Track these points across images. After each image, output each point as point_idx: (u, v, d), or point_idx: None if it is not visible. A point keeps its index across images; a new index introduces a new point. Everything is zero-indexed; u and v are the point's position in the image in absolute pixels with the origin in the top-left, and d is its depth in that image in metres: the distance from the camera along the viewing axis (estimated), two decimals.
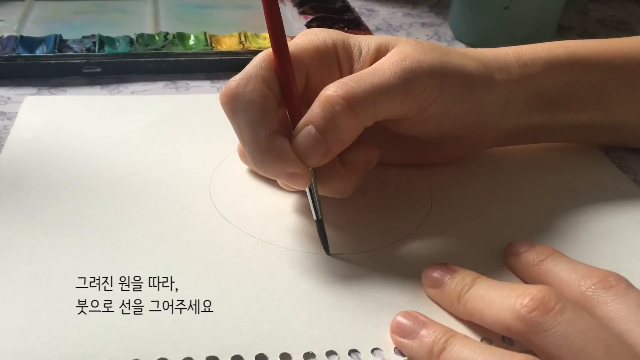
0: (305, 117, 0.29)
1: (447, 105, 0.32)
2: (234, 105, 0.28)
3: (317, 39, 0.31)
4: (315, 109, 0.28)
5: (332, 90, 0.28)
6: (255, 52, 0.31)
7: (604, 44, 0.37)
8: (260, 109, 0.28)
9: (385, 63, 0.30)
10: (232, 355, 0.25)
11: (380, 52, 0.31)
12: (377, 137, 0.34)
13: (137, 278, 0.28)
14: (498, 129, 0.36)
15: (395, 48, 0.31)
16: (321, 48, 0.31)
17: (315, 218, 0.30)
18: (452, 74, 0.32)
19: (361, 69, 0.31)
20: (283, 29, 0.29)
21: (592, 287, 0.26)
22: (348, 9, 0.58)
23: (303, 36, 0.32)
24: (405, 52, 0.31)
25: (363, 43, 0.32)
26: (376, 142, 0.35)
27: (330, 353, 0.26)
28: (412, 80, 0.30)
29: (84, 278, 0.28)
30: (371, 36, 0.33)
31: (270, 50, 0.29)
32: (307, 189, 0.30)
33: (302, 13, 0.58)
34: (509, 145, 0.38)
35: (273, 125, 0.28)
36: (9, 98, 0.43)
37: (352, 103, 0.28)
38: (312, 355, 0.25)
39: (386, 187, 0.36)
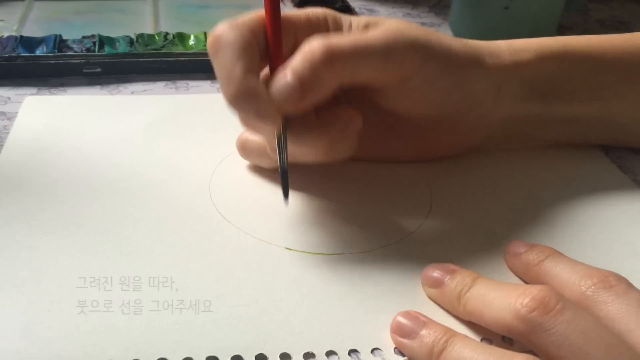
0: (286, 64, 0.29)
1: (429, 81, 0.32)
2: (217, 46, 0.29)
3: (309, 10, 0.32)
4: (296, 57, 0.29)
5: (314, 40, 0.29)
6: None
7: (597, 38, 0.37)
8: (240, 48, 0.28)
9: (370, 31, 0.31)
10: (232, 355, 0.25)
11: (369, 27, 0.32)
12: (373, 127, 0.35)
13: (137, 278, 0.28)
14: (492, 115, 0.36)
15: (384, 23, 0.32)
16: (312, 18, 0.32)
17: (280, 169, 0.30)
18: (436, 49, 0.32)
19: None
20: None
21: (592, 287, 0.26)
22: (348, 8, 0.58)
23: (299, 10, 0.33)
24: (392, 24, 0.32)
25: (354, 19, 0.33)
26: (372, 133, 0.35)
27: (330, 353, 0.26)
28: (393, 46, 0.30)
29: (84, 278, 0.28)
30: (363, 16, 0.33)
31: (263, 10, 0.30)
32: (275, 136, 0.30)
33: None
34: (505, 141, 0.38)
35: (251, 65, 0.28)
36: (9, 98, 0.43)
37: (331, 54, 0.29)
38: (312, 355, 0.25)
39: (386, 188, 0.36)
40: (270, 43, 0.30)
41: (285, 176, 0.31)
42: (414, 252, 0.31)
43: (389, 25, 0.31)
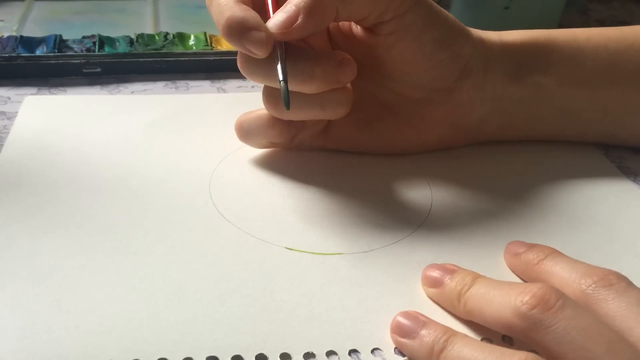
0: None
1: (424, 19, 0.33)
2: None
3: None
4: None
5: None
6: None
7: (580, 29, 0.38)
8: None
9: None
10: (232, 355, 0.25)
11: None
12: (370, 109, 0.36)
13: (137, 278, 0.28)
14: (483, 89, 0.36)
15: None
16: None
17: (281, 76, 0.30)
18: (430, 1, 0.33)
19: None
20: None
21: (593, 285, 0.26)
22: None
23: None
24: None
25: None
26: (370, 114, 0.36)
27: (330, 353, 0.26)
28: None
29: (84, 278, 0.28)
30: None
31: None
32: (278, 51, 0.30)
33: None
34: (500, 130, 0.38)
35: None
36: (9, 98, 0.43)
37: None
38: (312, 355, 0.25)
39: (386, 188, 0.36)
40: None
41: (285, 85, 0.30)
42: (414, 252, 0.31)
43: None
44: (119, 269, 0.29)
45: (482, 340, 0.26)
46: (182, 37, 0.50)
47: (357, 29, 0.34)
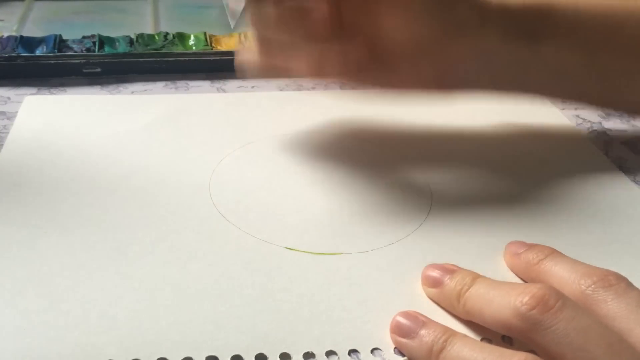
0: None
1: None
2: None
3: None
4: None
5: None
6: None
7: None
8: None
9: None
10: (232, 355, 0.25)
11: None
12: (365, 58, 0.34)
13: (137, 278, 0.28)
14: (478, 45, 0.35)
15: None
16: None
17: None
18: None
19: None
20: None
21: (592, 285, 0.26)
22: None
23: None
24: None
25: None
26: (364, 62, 0.34)
27: (330, 353, 0.26)
28: None
29: (84, 278, 0.28)
30: None
31: None
32: None
33: None
34: (492, 85, 0.38)
35: None
36: (9, 98, 0.43)
37: None
38: (312, 355, 0.25)
39: (386, 188, 0.36)
40: None
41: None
42: (414, 252, 0.31)
43: None
44: (119, 269, 0.29)
45: (481, 340, 0.26)
46: (182, 37, 0.50)
47: None
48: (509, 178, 0.37)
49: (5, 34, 0.49)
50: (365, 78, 0.37)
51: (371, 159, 0.38)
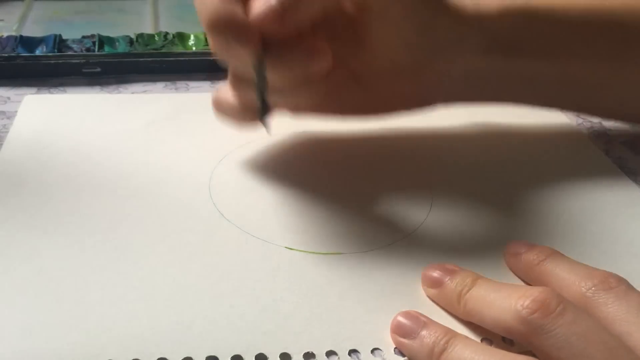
0: None
1: (402, 14, 0.32)
2: None
3: None
4: None
5: None
6: None
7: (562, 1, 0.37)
8: None
9: None
10: (232, 355, 0.25)
11: None
12: (339, 79, 0.34)
13: (137, 278, 0.28)
14: (453, 67, 0.35)
15: None
16: None
17: (257, 95, 0.29)
18: None
19: None
20: None
21: (593, 288, 0.26)
22: None
23: None
24: None
25: None
26: (339, 84, 0.34)
27: (330, 353, 0.26)
28: None
29: (84, 278, 0.28)
30: None
31: None
32: (253, 68, 0.29)
33: None
34: (467, 97, 0.38)
35: None
36: (9, 98, 0.43)
37: None
38: (312, 355, 0.25)
39: (386, 188, 0.36)
40: None
41: (264, 104, 0.30)
42: (414, 252, 0.31)
43: None
44: (119, 269, 0.29)
45: (482, 340, 0.26)
46: (182, 37, 0.50)
47: None
48: (509, 178, 0.37)
49: (5, 34, 0.49)
50: (345, 103, 0.36)
51: (371, 159, 0.38)
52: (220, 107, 0.35)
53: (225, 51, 0.29)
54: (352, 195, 0.35)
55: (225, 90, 0.34)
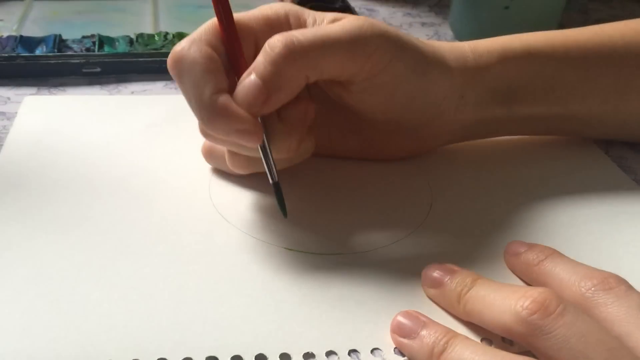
0: (249, 68, 0.28)
1: (398, 79, 0.32)
2: (179, 68, 0.29)
3: (268, 9, 0.31)
4: (257, 58, 0.28)
5: (274, 38, 0.28)
6: None
7: (560, 36, 0.37)
8: (203, 68, 0.28)
9: (336, 23, 0.30)
10: (232, 355, 0.25)
11: (335, 22, 0.31)
12: (334, 127, 0.35)
13: (137, 278, 0.28)
14: (453, 122, 0.36)
15: (350, 17, 0.31)
16: (272, 17, 0.31)
17: (271, 181, 0.30)
18: (407, 48, 0.32)
19: None
20: None
21: (592, 288, 0.26)
22: (348, 8, 0.58)
23: (256, 8, 0.32)
24: (360, 18, 0.31)
25: (318, 15, 0.32)
26: (333, 132, 0.35)
27: (330, 353, 0.26)
28: (361, 36, 0.29)
29: (84, 278, 0.28)
30: (328, 12, 0.32)
31: (216, 18, 0.29)
32: (259, 149, 0.29)
33: None
34: (469, 140, 0.38)
35: (219, 84, 0.28)
36: (9, 98, 0.43)
37: (292, 48, 0.28)
38: (312, 355, 0.25)
39: (386, 187, 0.36)
40: (229, 55, 0.29)
41: (278, 189, 0.30)
42: (414, 252, 0.31)
43: (357, 18, 0.31)
44: (118, 269, 0.29)
45: (482, 340, 0.26)
46: (181, 37, 0.50)
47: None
48: (509, 177, 0.37)
49: (5, 34, 0.49)
50: (346, 151, 0.37)
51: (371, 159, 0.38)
52: (211, 158, 0.35)
53: (224, 143, 0.30)
54: (352, 196, 0.35)
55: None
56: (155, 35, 0.50)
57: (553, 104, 0.37)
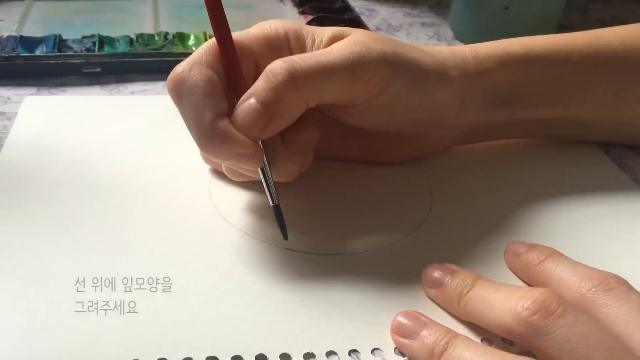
0: (248, 91, 0.28)
1: (398, 97, 0.32)
2: (178, 90, 0.29)
3: (268, 28, 0.31)
4: (258, 82, 0.28)
5: (276, 63, 0.28)
6: None
7: (561, 40, 0.37)
8: (203, 91, 0.28)
9: (335, 46, 0.30)
10: (232, 355, 0.25)
11: (334, 40, 0.31)
12: (333, 135, 0.35)
13: (137, 278, 0.28)
14: (454, 127, 0.36)
15: (349, 35, 0.31)
16: (271, 36, 0.31)
17: (271, 204, 0.30)
18: (405, 65, 0.31)
19: None
20: (224, 15, 0.29)
21: (593, 289, 0.25)
22: (348, 8, 0.58)
23: (255, 26, 0.32)
24: (358, 38, 0.31)
25: (317, 32, 0.32)
26: (332, 139, 0.35)
27: (330, 353, 0.26)
28: (359, 63, 0.29)
29: (84, 278, 0.28)
30: (327, 27, 0.32)
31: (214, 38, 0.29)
32: (260, 172, 0.29)
33: (302, 13, 0.58)
34: (470, 143, 0.38)
35: (219, 108, 0.28)
36: (9, 98, 0.43)
37: (295, 75, 0.28)
38: (312, 355, 0.25)
39: (386, 187, 0.36)
40: (229, 76, 0.29)
41: (279, 211, 0.30)
42: (414, 252, 0.31)
43: (355, 38, 0.30)
44: (118, 269, 0.29)
45: (482, 341, 0.26)
46: (181, 37, 0.50)
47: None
48: (509, 177, 0.37)
49: (5, 34, 0.49)
50: (347, 155, 0.37)
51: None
52: (210, 160, 0.35)
53: (225, 160, 0.30)
54: (352, 196, 0.35)
55: None
56: (155, 35, 0.50)
57: (553, 108, 0.37)
